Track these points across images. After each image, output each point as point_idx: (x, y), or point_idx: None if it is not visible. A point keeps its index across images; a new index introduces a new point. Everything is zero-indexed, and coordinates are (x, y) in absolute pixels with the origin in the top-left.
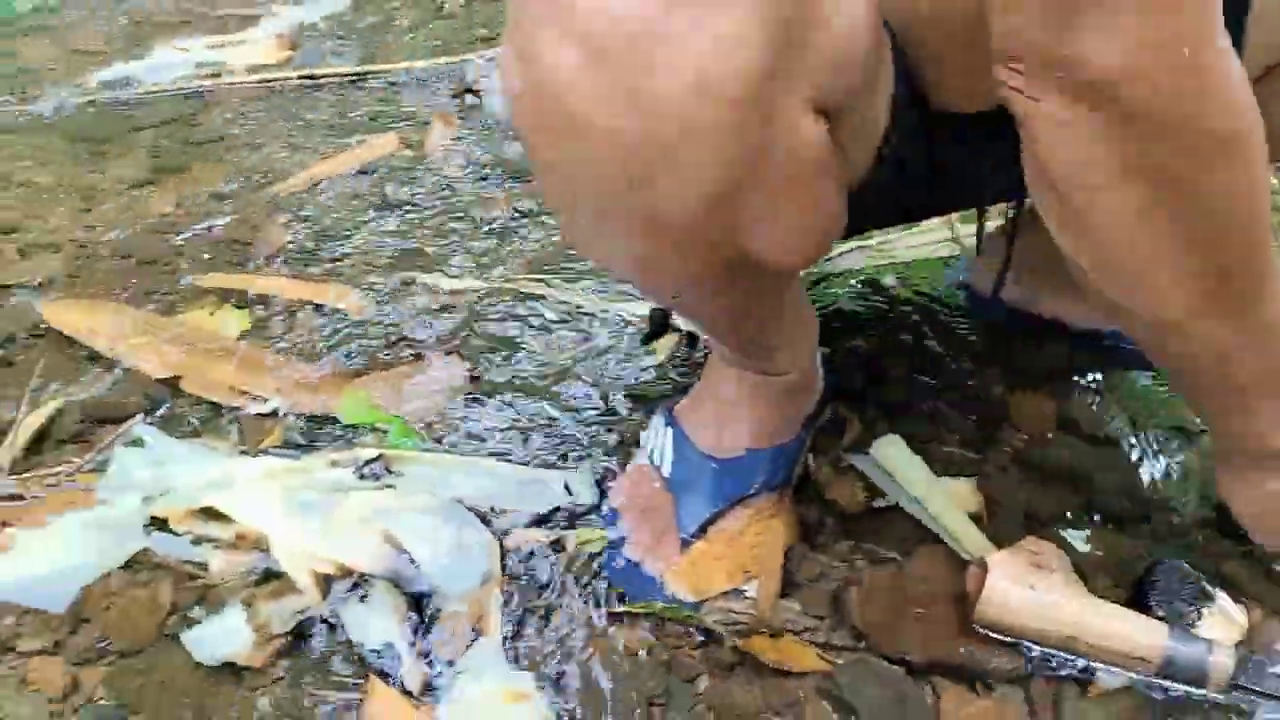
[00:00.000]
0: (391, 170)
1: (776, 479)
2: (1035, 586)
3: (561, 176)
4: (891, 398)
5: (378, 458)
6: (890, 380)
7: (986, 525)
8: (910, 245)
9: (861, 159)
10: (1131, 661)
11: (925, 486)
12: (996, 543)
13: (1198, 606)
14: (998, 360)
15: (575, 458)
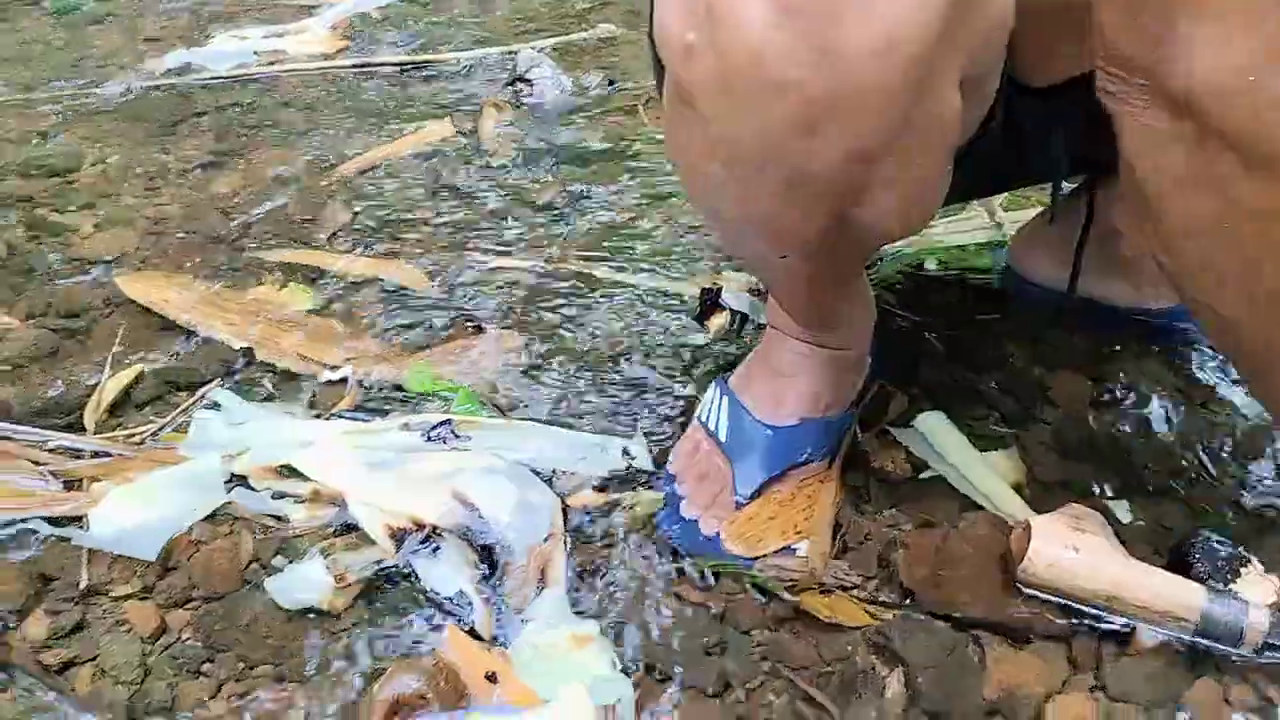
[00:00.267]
0: (447, 155)
1: (826, 448)
2: (1078, 548)
3: (724, 128)
4: (934, 378)
5: (445, 422)
6: (933, 361)
7: (1028, 495)
8: (951, 230)
9: (969, 133)
10: (1170, 620)
11: (967, 457)
12: (1037, 510)
13: (1235, 566)
14: (1038, 341)
15: (632, 426)
